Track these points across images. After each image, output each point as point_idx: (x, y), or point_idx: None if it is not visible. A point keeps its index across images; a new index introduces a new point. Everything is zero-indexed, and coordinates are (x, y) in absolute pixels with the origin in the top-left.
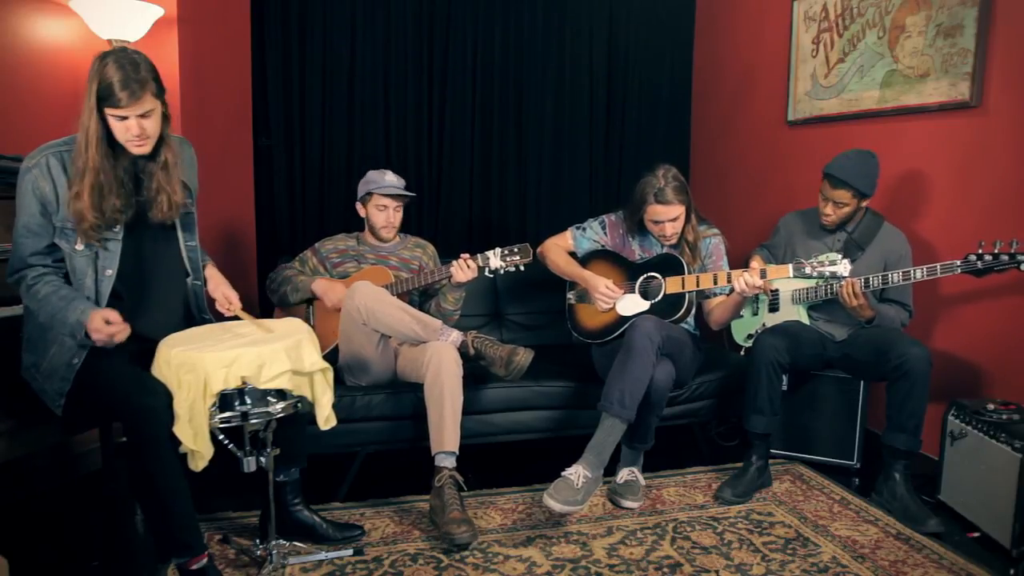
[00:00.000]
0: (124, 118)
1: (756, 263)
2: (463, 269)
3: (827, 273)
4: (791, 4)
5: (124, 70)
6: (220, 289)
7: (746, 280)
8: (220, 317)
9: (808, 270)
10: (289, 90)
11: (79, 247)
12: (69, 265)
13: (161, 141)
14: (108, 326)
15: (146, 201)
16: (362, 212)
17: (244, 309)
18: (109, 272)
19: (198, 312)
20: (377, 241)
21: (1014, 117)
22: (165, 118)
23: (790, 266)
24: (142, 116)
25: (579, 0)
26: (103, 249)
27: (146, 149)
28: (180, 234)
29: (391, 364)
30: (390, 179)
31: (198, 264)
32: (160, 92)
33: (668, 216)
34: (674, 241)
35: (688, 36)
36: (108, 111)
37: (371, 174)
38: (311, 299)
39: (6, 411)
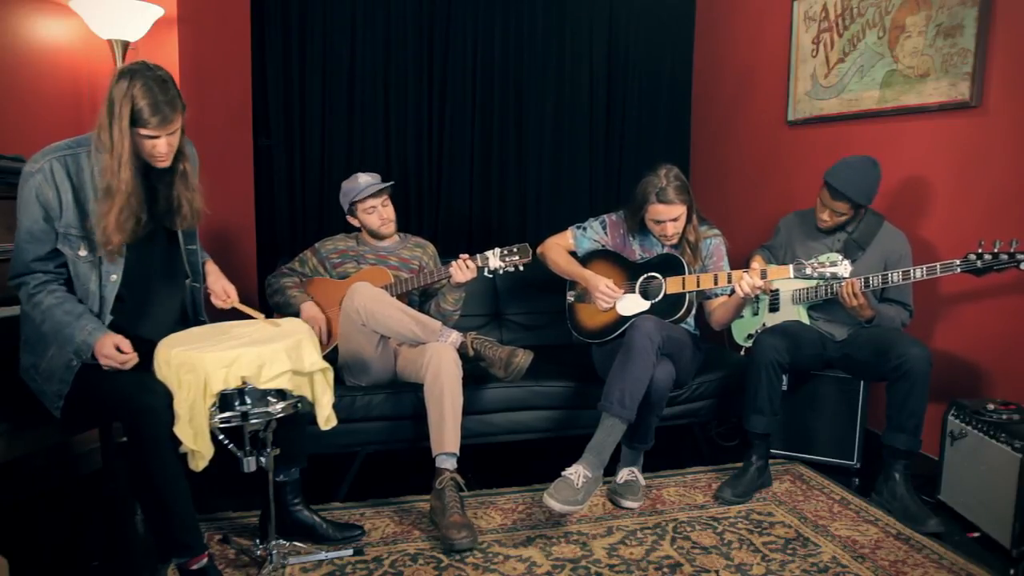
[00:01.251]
0: (154, 137)
1: (757, 263)
2: (462, 269)
3: (828, 274)
4: (791, 4)
5: (153, 93)
6: (219, 283)
7: (747, 282)
8: (216, 316)
9: (809, 271)
10: (289, 90)
11: (82, 253)
12: (72, 271)
13: (179, 151)
14: (119, 354)
15: (161, 211)
16: (356, 223)
17: (243, 303)
18: (114, 278)
19: (194, 314)
20: (377, 241)
21: (1014, 117)
22: (182, 129)
23: (791, 267)
24: (170, 134)
25: (579, 0)
26: (108, 255)
27: (168, 163)
28: (180, 237)
29: (391, 364)
30: (364, 180)
31: (198, 267)
32: (183, 107)
33: (670, 216)
34: (675, 241)
35: (688, 36)
36: (140, 130)
37: (345, 186)
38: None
39: (6, 411)
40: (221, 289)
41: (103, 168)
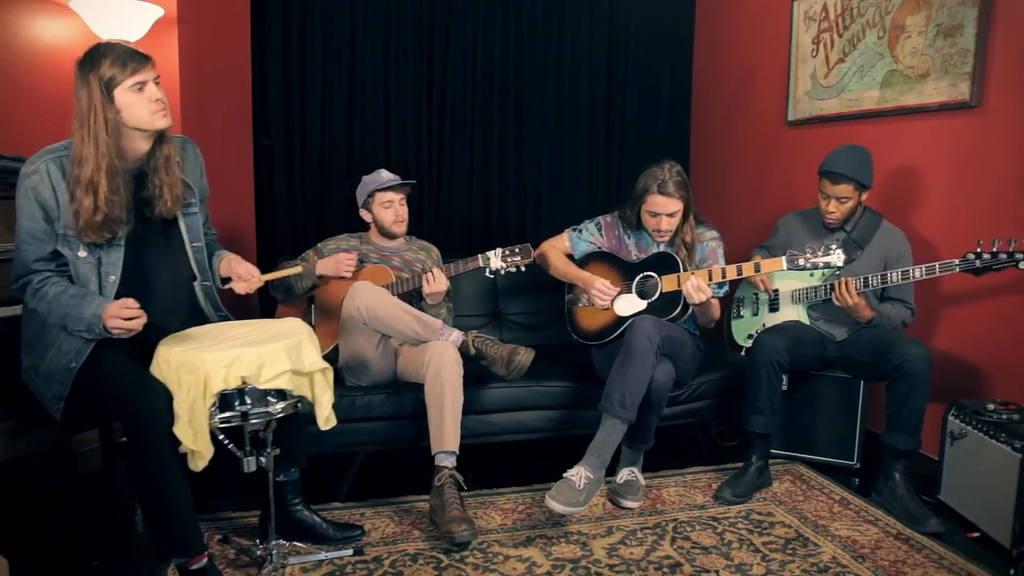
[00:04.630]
0: (143, 84)
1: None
2: (428, 282)
3: (821, 264)
4: (791, 4)
5: (119, 46)
6: (244, 265)
7: (692, 283)
8: (239, 311)
9: (802, 262)
10: (289, 90)
11: (82, 254)
12: (73, 271)
13: (161, 133)
14: (127, 310)
15: (147, 198)
16: (368, 217)
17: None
18: (112, 278)
19: (214, 311)
20: (383, 241)
21: (1014, 117)
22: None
23: (783, 258)
24: (156, 81)
25: (579, 1)
26: (106, 255)
27: (170, 119)
28: (185, 235)
29: (391, 364)
30: (387, 175)
31: (205, 266)
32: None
33: (667, 209)
34: (667, 238)
35: (688, 36)
36: (124, 86)
37: (366, 178)
38: (312, 299)
39: (6, 411)
40: (246, 271)
41: (73, 157)
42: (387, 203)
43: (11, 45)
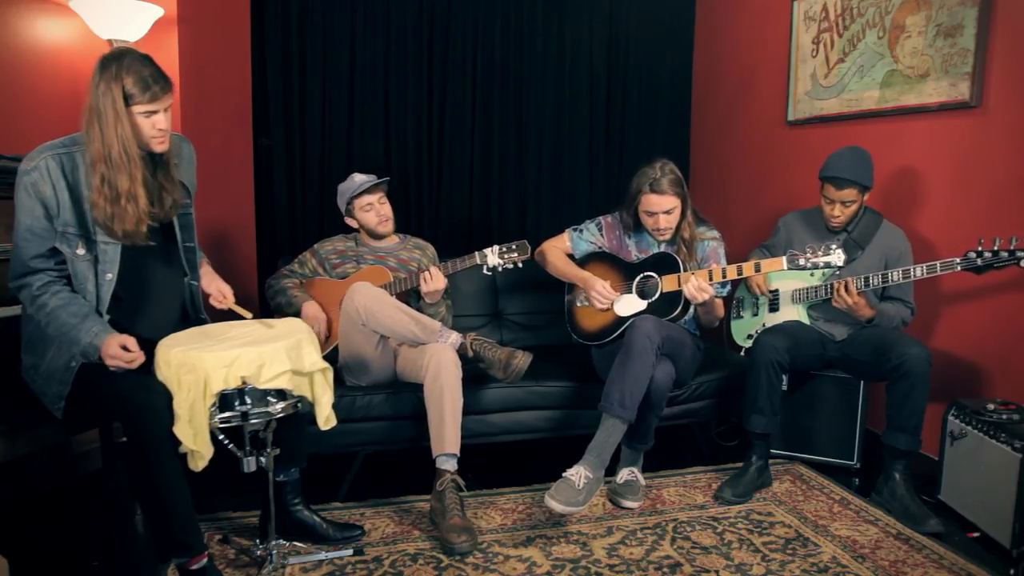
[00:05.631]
0: (153, 112)
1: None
2: (426, 280)
3: (821, 263)
4: (791, 4)
5: (148, 66)
6: (215, 284)
7: (693, 284)
8: (215, 315)
9: (802, 261)
10: (289, 90)
11: (80, 251)
12: (71, 269)
13: None
14: (125, 352)
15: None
16: (354, 223)
17: (238, 304)
18: (109, 276)
19: (194, 312)
20: (375, 242)
21: (1014, 117)
22: None
23: (784, 258)
24: (166, 109)
25: (579, 1)
26: (103, 253)
27: (166, 146)
28: (178, 234)
29: (391, 364)
30: (360, 178)
31: (195, 264)
32: (171, 84)
33: (662, 207)
34: (668, 237)
35: (688, 36)
36: (137, 109)
37: (341, 186)
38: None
39: (6, 411)
40: (217, 290)
41: (94, 158)
42: (367, 207)
43: (11, 45)
